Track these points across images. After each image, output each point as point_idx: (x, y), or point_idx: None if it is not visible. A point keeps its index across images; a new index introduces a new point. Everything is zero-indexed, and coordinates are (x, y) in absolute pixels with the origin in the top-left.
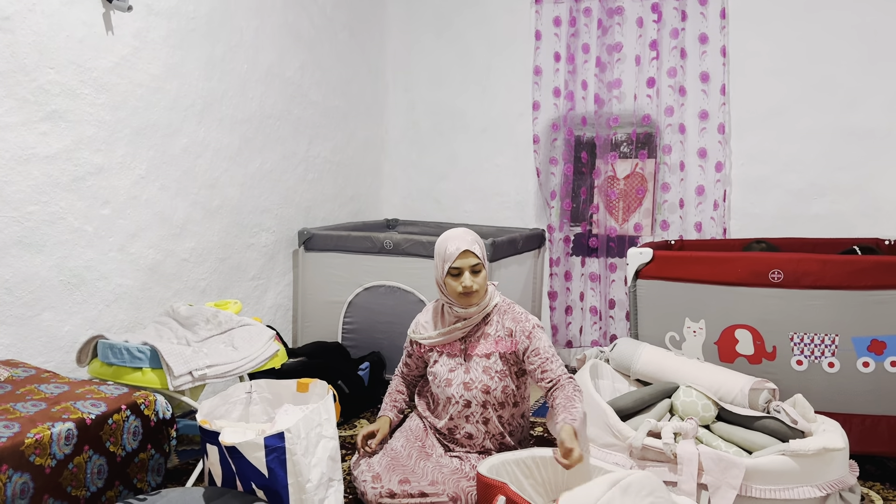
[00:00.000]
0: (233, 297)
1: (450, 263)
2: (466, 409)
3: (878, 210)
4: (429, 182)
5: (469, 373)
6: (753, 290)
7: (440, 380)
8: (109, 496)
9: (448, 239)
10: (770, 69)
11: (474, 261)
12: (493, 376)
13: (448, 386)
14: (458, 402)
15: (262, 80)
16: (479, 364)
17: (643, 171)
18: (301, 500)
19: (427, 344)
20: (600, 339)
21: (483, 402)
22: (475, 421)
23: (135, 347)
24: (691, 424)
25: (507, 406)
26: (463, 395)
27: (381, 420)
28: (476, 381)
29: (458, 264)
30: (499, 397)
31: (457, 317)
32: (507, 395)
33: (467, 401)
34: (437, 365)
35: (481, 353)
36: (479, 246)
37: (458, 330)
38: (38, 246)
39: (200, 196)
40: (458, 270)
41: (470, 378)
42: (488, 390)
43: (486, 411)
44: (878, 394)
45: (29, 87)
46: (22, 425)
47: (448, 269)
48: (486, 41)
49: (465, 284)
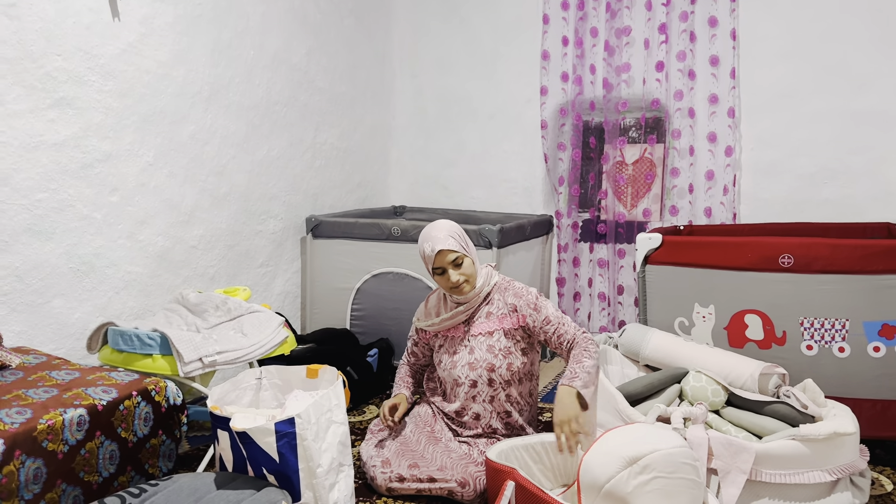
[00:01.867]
0: (242, 284)
1: (431, 265)
2: (473, 390)
3: (889, 194)
4: (436, 168)
5: (473, 353)
6: (763, 274)
7: (446, 363)
8: (122, 481)
9: (424, 240)
10: (780, 52)
11: (453, 255)
12: (496, 354)
13: (454, 368)
14: (464, 382)
15: (269, 67)
16: (482, 343)
17: (652, 155)
18: (312, 484)
19: (431, 330)
20: (609, 325)
21: (489, 380)
22: (482, 400)
23: (145, 334)
24: (701, 409)
25: (514, 383)
26: (469, 375)
27: (399, 396)
28: (480, 361)
29: (438, 264)
30: (504, 375)
31: (457, 302)
32: (512, 373)
33: (473, 381)
34: (443, 349)
35: (485, 331)
36: (456, 237)
37: (460, 314)
38: (47, 233)
39: (208, 183)
40: (441, 269)
41: (474, 358)
42: (493, 368)
43: (493, 389)
44: (888, 378)
45: (36, 74)
46: (34, 411)
47: (432, 269)
48: (494, 26)
49: (451, 281)
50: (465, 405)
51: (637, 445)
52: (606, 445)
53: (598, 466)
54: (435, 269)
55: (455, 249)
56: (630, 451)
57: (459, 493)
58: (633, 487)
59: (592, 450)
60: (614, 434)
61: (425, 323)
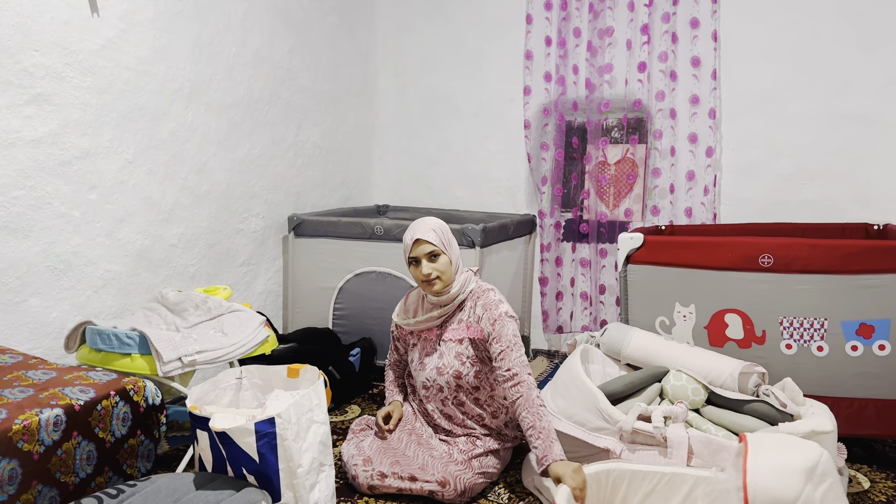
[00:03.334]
0: (222, 283)
1: (408, 253)
2: (440, 394)
3: (867, 195)
4: (420, 167)
5: (442, 358)
6: (743, 274)
7: (416, 364)
8: (99, 482)
9: (408, 230)
10: (761, 54)
11: (429, 248)
12: (464, 362)
13: (422, 370)
14: (431, 386)
15: (251, 64)
16: (452, 349)
17: (634, 156)
18: (292, 485)
19: (406, 328)
20: (591, 325)
21: (455, 386)
22: (451, 403)
23: (123, 333)
24: (681, 408)
25: (484, 389)
26: (436, 379)
27: (393, 403)
28: (448, 367)
29: (415, 253)
30: (472, 382)
31: (433, 304)
32: (480, 380)
33: (440, 386)
34: (416, 349)
35: (455, 338)
36: (437, 232)
37: (434, 318)
38: (24, 231)
39: (188, 181)
40: (416, 259)
41: (443, 363)
42: (459, 375)
43: (460, 395)
44: (865, 377)
45: (13, 69)
46: (9, 411)
47: (408, 258)
48: (477, 25)
49: (423, 272)
50: (435, 407)
51: (802, 455)
52: (771, 464)
53: (780, 489)
54: (410, 259)
55: (433, 242)
56: (802, 463)
57: (440, 493)
58: (820, 498)
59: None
60: (765, 451)
61: (402, 320)
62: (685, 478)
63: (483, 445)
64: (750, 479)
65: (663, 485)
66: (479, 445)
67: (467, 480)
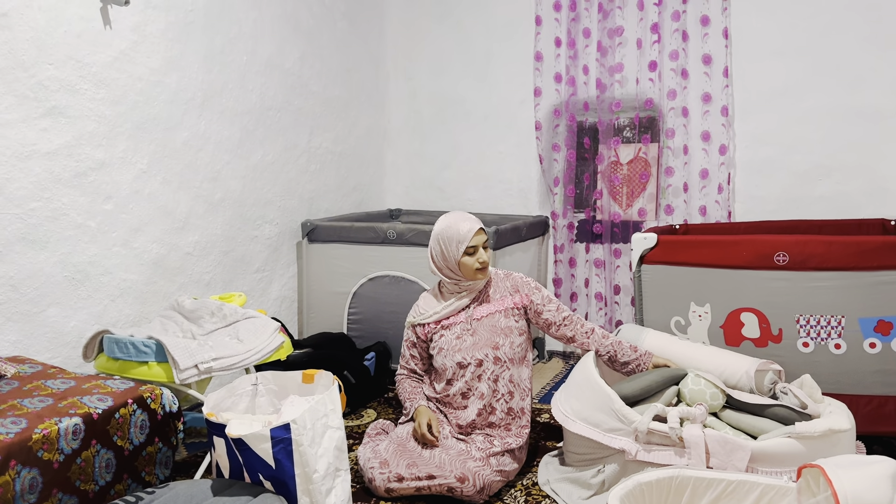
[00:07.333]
0: (237, 290)
1: (466, 243)
2: (479, 369)
3: (883, 190)
4: (431, 171)
5: (476, 334)
6: (759, 272)
7: (448, 348)
8: (118, 489)
9: (456, 221)
10: (773, 50)
11: (484, 237)
12: (499, 333)
13: (458, 351)
14: (470, 363)
15: (262, 72)
16: (484, 325)
17: (646, 155)
18: (308, 490)
19: (434, 319)
20: (606, 326)
21: (494, 357)
22: (487, 378)
23: (140, 342)
24: (700, 410)
25: (516, 363)
26: (474, 354)
27: (421, 409)
28: (484, 340)
29: (474, 242)
30: (507, 353)
31: (459, 290)
32: (514, 351)
33: (479, 360)
34: (444, 337)
35: (485, 314)
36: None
37: (464, 297)
38: (41, 242)
39: (203, 189)
40: (475, 249)
41: (478, 338)
42: (497, 346)
43: (498, 367)
44: (884, 374)
45: (28, 83)
46: (29, 421)
47: (465, 248)
48: (486, 27)
49: (481, 260)
50: (470, 385)
51: (881, 465)
52: (854, 474)
53: (871, 495)
54: (468, 249)
55: (486, 232)
56: (885, 470)
57: (459, 489)
58: None
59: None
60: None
61: (426, 315)
62: (753, 486)
63: (500, 444)
64: (839, 486)
65: (729, 492)
66: (496, 444)
67: (486, 477)
